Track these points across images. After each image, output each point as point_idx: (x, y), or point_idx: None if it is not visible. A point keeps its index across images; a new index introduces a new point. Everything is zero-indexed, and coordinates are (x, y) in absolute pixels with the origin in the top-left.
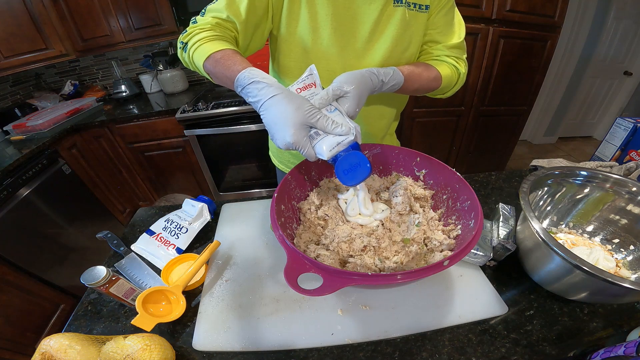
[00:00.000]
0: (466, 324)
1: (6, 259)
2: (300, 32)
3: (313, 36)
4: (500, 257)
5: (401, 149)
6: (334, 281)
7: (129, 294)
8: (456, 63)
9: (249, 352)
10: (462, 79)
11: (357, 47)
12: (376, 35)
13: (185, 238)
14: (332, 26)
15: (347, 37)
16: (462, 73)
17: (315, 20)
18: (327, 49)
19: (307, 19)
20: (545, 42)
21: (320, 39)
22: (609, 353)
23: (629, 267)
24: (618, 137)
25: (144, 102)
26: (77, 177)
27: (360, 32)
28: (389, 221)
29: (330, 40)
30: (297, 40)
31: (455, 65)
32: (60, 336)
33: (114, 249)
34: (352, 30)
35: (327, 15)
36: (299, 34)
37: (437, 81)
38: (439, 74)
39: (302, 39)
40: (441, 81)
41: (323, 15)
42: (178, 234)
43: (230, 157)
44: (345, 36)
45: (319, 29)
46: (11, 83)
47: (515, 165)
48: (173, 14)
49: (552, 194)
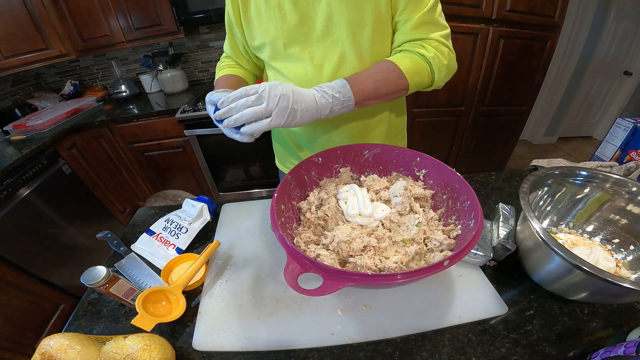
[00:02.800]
0: (466, 324)
1: (6, 259)
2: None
3: (272, 36)
4: (500, 257)
5: (401, 149)
6: (334, 281)
7: (129, 294)
8: (418, 48)
9: (249, 352)
10: (438, 64)
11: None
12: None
13: (185, 238)
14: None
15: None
16: (429, 58)
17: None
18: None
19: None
20: (545, 42)
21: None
22: (609, 353)
23: (629, 267)
24: (618, 137)
25: (144, 102)
26: (77, 177)
27: (313, 33)
28: (389, 221)
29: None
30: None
31: (417, 51)
32: (60, 336)
33: (114, 249)
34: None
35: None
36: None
37: (400, 80)
38: (396, 69)
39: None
40: (405, 79)
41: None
42: (178, 234)
43: (230, 157)
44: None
45: (273, 40)
46: (11, 83)
47: (515, 165)
48: (173, 14)
49: (552, 194)
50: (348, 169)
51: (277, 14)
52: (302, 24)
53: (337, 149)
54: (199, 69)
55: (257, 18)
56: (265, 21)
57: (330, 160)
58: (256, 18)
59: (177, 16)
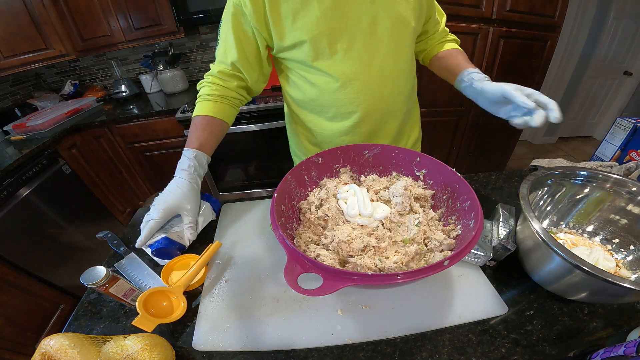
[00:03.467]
0: (466, 324)
1: (6, 259)
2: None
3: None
4: (500, 257)
5: (401, 149)
6: (334, 281)
7: (128, 294)
8: (453, 37)
9: (249, 352)
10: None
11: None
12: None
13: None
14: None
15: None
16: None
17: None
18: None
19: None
20: (545, 42)
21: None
22: (609, 353)
23: (629, 267)
24: (618, 137)
25: (144, 102)
26: (77, 177)
27: (359, 30)
28: (389, 221)
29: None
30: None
31: (454, 39)
32: (60, 336)
33: (114, 249)
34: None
35: (317, 18)
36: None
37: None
38: (462, 52)
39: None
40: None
41: (314, 18)
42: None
43: (230, 157)
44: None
45: (315, 38)
46: (11, 83)
47: (515, 165)
48: (173, 14)
49: (552, 194)
50: (348, 169)
51: (316, 9)
52: (345, 19)
53: (337, 149)
54: (199, 69)
55: (293, 15)
56: (302, 17)
57: (330, 160)
58: (291, 15)
59: (177, 16)
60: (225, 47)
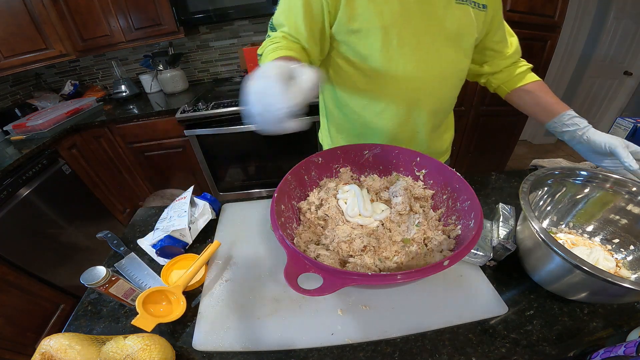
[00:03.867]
0: (466, 324)
1: (6, 259)
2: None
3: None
4: (500, 257)
5: (401, 149)
6: (334, 281)
7: (128, 294)
8: (524, 64)
9: (249, 352)
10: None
11: (431, 46)
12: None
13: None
14: (401, 24)
15: (419, 36)
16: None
17: (381, 18)
18: (397, 49)
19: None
20: (545, 42)
21: (389, 36)
22: (609, 353)
23: (629, 267)
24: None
25: (144, 102)
26: (77, 177)
27: (433, 30)
28: (389, 221)
29: (401, 40)
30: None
31: (526, 66)
32: (60, 336)
33: (114, 249)
34: (425, 29)
35: (395, 13)
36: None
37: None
38: (546, 85)
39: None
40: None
41: (389, 12)
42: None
43: (230, 157)
44: (417, 35)
45: (387, 26)
46: (11, 83)
47: (515, 165)
48: (173, 14)
49: (552, 194)
50: (348, 169)
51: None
52: (421, 16)
53: (337, 149)
54: (199, 69)
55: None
56: (380, 3)
57: (330, 160)
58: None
59: (177, 16)
60: (293, 17)
